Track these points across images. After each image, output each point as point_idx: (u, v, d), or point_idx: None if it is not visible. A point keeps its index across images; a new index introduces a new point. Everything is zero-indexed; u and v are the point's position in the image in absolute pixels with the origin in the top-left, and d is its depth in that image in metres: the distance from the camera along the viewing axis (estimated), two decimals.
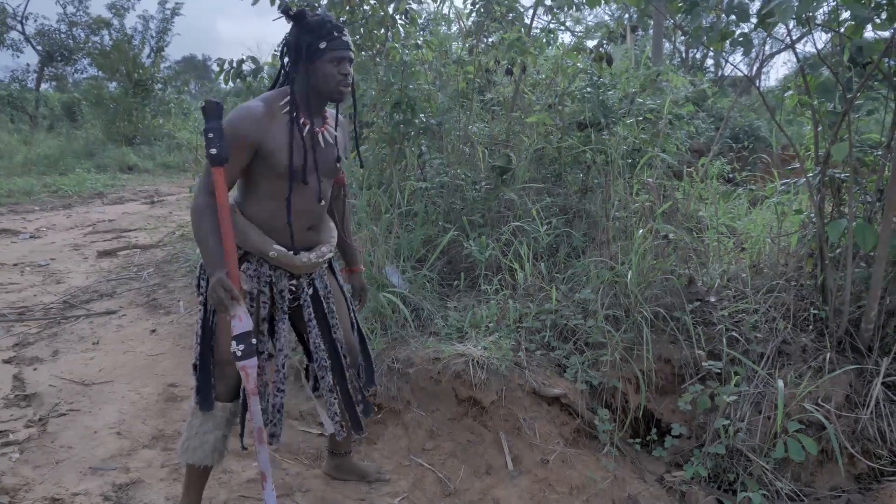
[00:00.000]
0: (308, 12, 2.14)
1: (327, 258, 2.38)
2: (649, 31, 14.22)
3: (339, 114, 2.38)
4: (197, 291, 2.32)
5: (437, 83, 5.25)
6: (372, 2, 4.72)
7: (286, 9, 2.16)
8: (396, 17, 4.75)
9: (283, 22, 2.21)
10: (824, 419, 2.81)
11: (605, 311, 3.39)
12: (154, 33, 19.23)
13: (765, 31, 3.17)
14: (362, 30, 4.72)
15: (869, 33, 3.11)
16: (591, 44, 5.39)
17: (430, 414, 3.15)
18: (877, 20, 2.88)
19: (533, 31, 5.48)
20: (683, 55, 21.23)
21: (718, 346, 3.25)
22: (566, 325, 3.45)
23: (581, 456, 2.98)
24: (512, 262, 3.86)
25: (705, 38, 3.10)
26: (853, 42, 3.03)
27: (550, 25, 5.75)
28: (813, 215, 3.41)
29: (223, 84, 5.21)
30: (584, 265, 3.79)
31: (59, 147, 15.54)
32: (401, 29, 4.85)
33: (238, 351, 2.11)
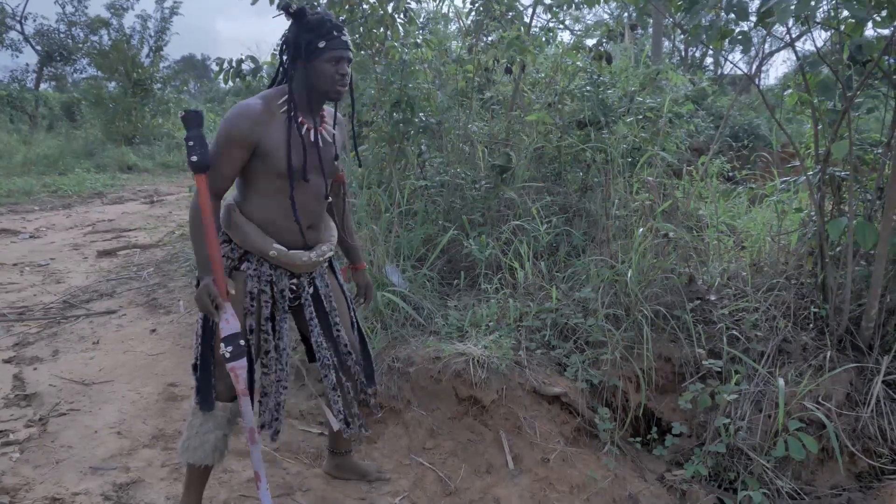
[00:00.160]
0: (308, 10, 2.13)
1: (327, 257, 2.37)
2: (648, 29, 14.21)
3: (337, 112, 2.37)
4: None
5: (436, 82, 5.25)
6: (371, 0, 4.71)
7: (286, 6, 2.15)
8: (396, 15, 4.75)
9: (283, 20, 2.20)
10: (825, 418, 2.81)
11: (605, 310, 3.39)
12: (152, 33, 19.23)
13: (764, 30, 3.17)
14: (361, 29, 4.71)
15: (869, 31, 3.11)
16: (590, 42, 5.39)
17: (431, 413, 3.15)
18: (876, 18, 2.88)
19: (532, 30, 5.47)
20: (683, 54, 21.23)
21: (719, 345, 3.25)
22: (566, 323, 3.45)
23: (581, 455, 2.98)
24: (512, 260, 3.86)
25: (704, 37, 3.10)
26: (853, 40, 3.03)
27: (550, 24, 5.74)
28: (813, 213, 3.41)
29: (222, 83, 5.20)
30: (584, 264, 3.79)
31: (58, 147, 15.52)
32: (400, 28, 4.84)
33: (227, 353, 2.13)
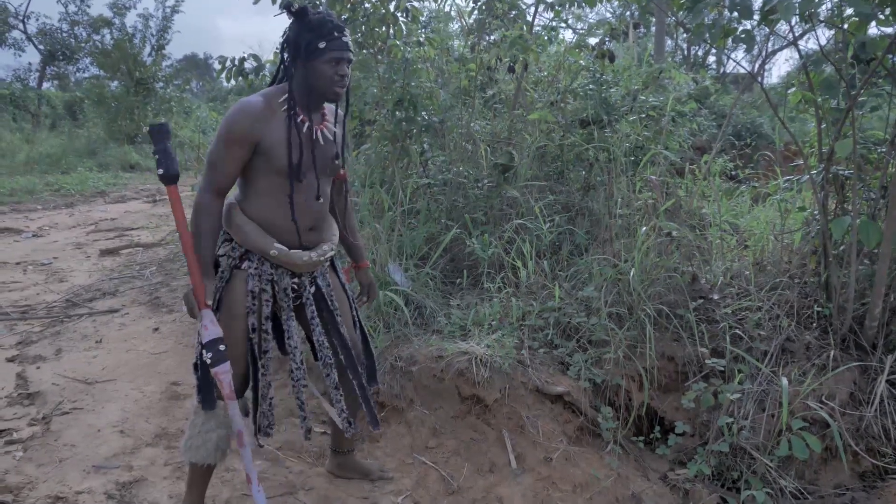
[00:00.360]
0: (310, 9, 2.12)
1: (328, 256, 2.36)
2: (651, 28, 14.19)
3: (338, 110, 2.36)
4: None
5: (439, 81, 5.24)
6: None
7: (288, 5, 2.14)
8: (398, 14, 4.74)
9: (285, 18, 2.19)
10: (828, 417, 2.81)
11: (608, 309, 3.38)
12: (154, 32, 19.26)
13: (767, 28, 3.16)
14: (363, 27, 4.70)
15: (873, 29, 3.10)
16: (592, 41, 5.38)
17: (434, 412, 3.15)
18: (880, 16, 2.87)
19: (535, 29, 5.47)
20: (685, 52, 21.20)
21: (722, 344, 3.24)
22: (569, 322, 3.45)
23: (584, 454, 2.98)
24: (515, 259, 3.86)
25: (708, 35, 3.10)
26: (857, 38, 3.03)
27: (552, 23, 5.72)
28: (816, 212, 3.40)
29: (225, 82, 5.21)
30: (586, 263, 3.78)
31: (61, 146, 15.55)
32: (402, 26, 4.83)
33: (207, 358, 2.13)
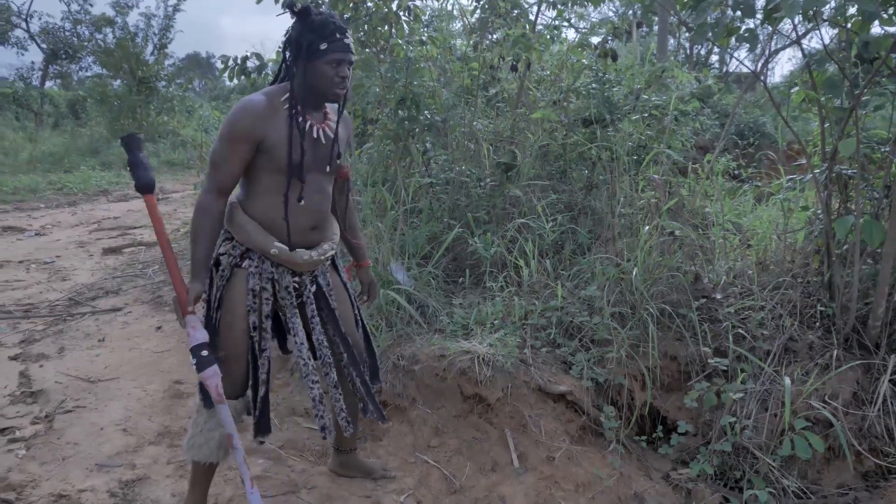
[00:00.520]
0: (313, 10, 2.12)
1: (329, 255, 2.37)
2: (654, 27, 14.18)
3: (343, 109, 2.36)
4: None
5: (441, 80, 5.23)
6: None
7: (291, 4, 2.14)
8: (400, 13, 4.73)
9: (287, 17, 2.19)
10: (831, 416, 2.80)
11: (610, 308, 3.38)
12: (157, 30, 19.26)
13: (770, 27, 3.15)
14: (366, 26, 4.70)
15: (876, 29, 3.10)
16: (595, 40, 5.38)
17: (436, 411, 3.15)
18: (884, 15, 2.86)
19: (537, 28, 5.46)
20: (688, 51, 21.15)
21: (724, 343, 3.24)
22: (572, 322, 3.44)
23: (587, 453, 2.97)
24: (517, 258, 3.85)
25: (711, 34, 3.09)
26: (860, 37, 3.02)
27: (555, 22, 5.72)
28: (820, 212, 3.40)
29: (227, 81, 5.20)
30: (589, 262, 3.78)
31: (63, 144, 15.58)
32: (405, 25, 4.83)
33: (193, 364, 2.14)
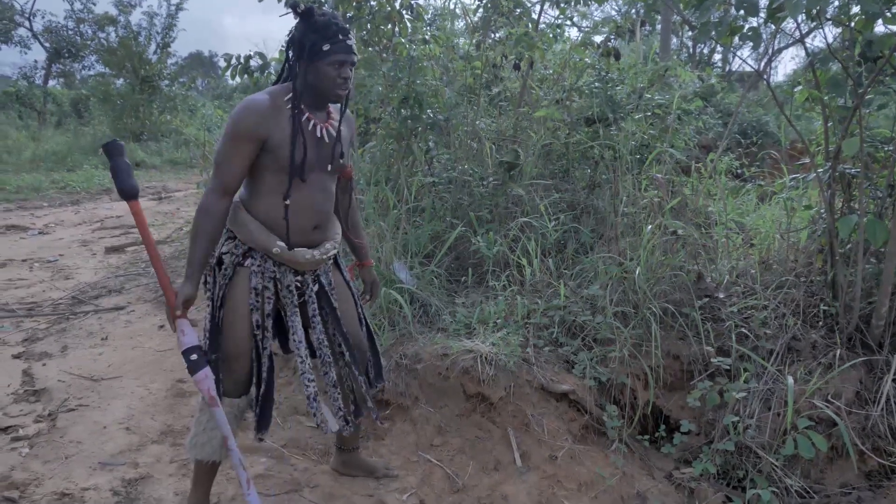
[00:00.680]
0: (316, 10, 2.13)
1: (331, 255, 2.37)
2: (657, 26, 14.15)
3: (345, 109, 2.36)
4: (204, 288, 2.32)
5: (444, 78, 5.23)
6: None
7: (294, 4, 2.15)
8: (403, 12, 4.73)
9: (289, 18, 2.19)
10: (834, 416, 2.80)
11: (613, 308, 3.38)
12: (159, 29, 19.27)
13: (774, 26, 3.15)
14: (369, 25, 4.71)
15: (880, 27, 3.09)
16: (598, 39, 5.37)
17: (439, 410, 3.15)
18: (888, 14, 2.85)
19: (540, 26, 5.46)
20: (691, 50, 21.12)
21: (727, 343, 3.23)
22: (574, 321, 3.44)
23: (589, 452, 2.97)
24: (520, 257, 3.85)
25: (714, 33, 3.09)
26: (864, 36, 3.01)
27: (558, 20, 5.72)
28: (823, 211, 3.39)
29: (230, 80, 5.21)
30: (592, 261, 3.78)
31: (66, 143, 15.58)
32: (407, 24, 4.83)
33: (186, 367, 2.14)
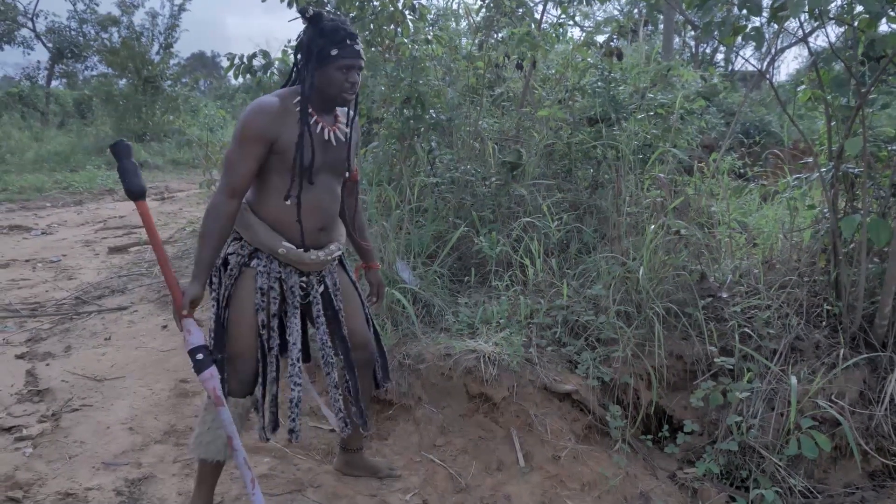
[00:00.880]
0: (325, 15, 2.16)
1: (336, 255, 2.39)
2: (659, 26, 14.14)
3: (350, 113, 2.38)
4: (210, 289, 2.32)
5: (446, 78, 5.23)
6: None
7: (303, 10, 2.18)
8: (406, 12, 4.73)
9: (291, 15, 2.22)
10: (838, 416, 2.80)
11: (616, 307, 3.38)
12: (162, 30, 19.30)
13: (776, 25, 3.14)
14: (371, 25, 4.71)
15: (883, 27, 3.08)
16: (600, 39, 5.37)
17: (441, 410, 3.15)
18: (891, 13, 2.85)
19: (543, 26, 5.46)
20: (694, 50, 21.09)
21: (731, 343, 3.23)
22: (577, 321, 3.44)
23: (593, 452, 2.97)
24: (523, 257, 3.85)
25: (717, 33, 3.08)
26: (867, 35, 3.01)
27: (560, 20, 5.71)
28: (826, 210, 3.39)
29: (233, 79, 5.22)
30: (595, 261, 3.78)
31: (69, 144, 15.60)
32: (410, 24, 4.83)
33: (192, 367, 2.15)
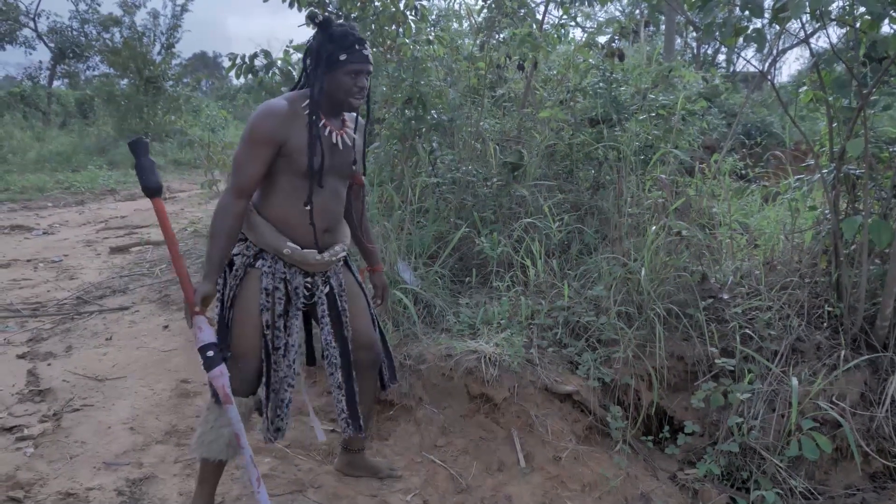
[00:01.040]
0: (334, 21, 2.19)
1: (340, 257, 2.41)
2: (661, 27, 14.14)
3: (359, 117, 2.43)
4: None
5: (448, 79, 5.23)
6: None
7: (312, 16, 2.21)
8: (407, 13, 4.74)
9: (293, 18, 2.27)
10: (839, 417, 2.80)
11: (617, 308, 3.38)
12: (164, 30, 19.33)
13: (778, 26, 3.14)
14: (373, 26, 4.71)
15: (885, 28, 3.08)
16: (602, 40, 5.37)
17: (442, 410, 3.15)
18: (893, 14, 2.85)
19: (544, 27, 5.46)
20: (695, 51, 21.08)
21: (732, 344, 3.23)
22: (578, 321, 3.44)
23: (593, 453, 2.97)
24: (524, 258, 3.85)
25: (718, 34, 3.08)
26: (868, 36, 3.01)
27: (562, 21, 5.72)
28: (827, 212, 3.39)
29: (234, 79, 5.22)
30: (596, 262, 3.78)
31: (71, 144, 15.64)
32: (412, 25, 4.84)
33: (202, 364, 2.15)
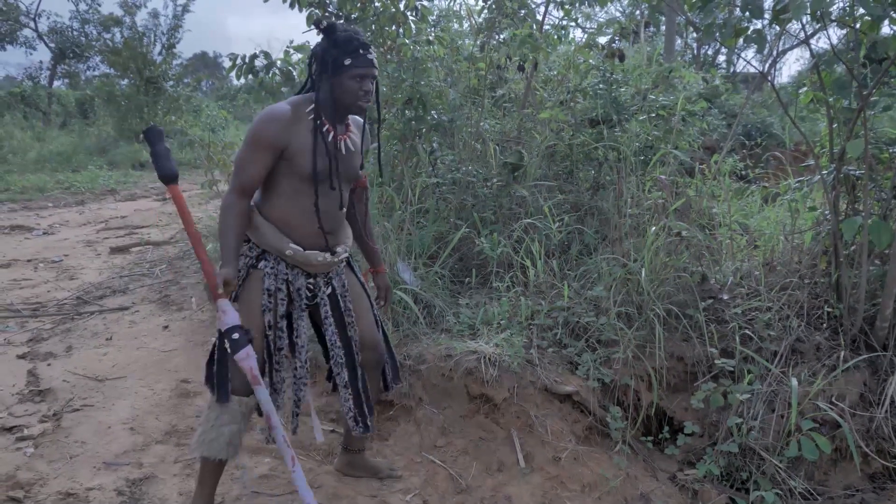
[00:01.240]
0: (339, 26, 2.20)
1: (343, 258, 2.42)
2: (661, 27, 14.14)
3: (381, 120, 2.44)
4: None
5: (448, 80, 5.24)
6: None
7: (317, 21, 2.22)
8: (407, 13, 4.74)
9: (293, 18, 2.27)
10: (838, 418, 2.80)
11: (617, 309, 3.38)
12: (164, 30, 19.33)
13: (778, 27, 3.15)
14: (373, 26, 4.72)
15: (885, 29, 3.09)
16: (602, 40, 5.37)
17: (442, 411, 3.15)
18: (893, 15, 2.85)
19: (544, 28, 5.46)
20: (695, 51, 21.09)
21: (731, 344, 3.23)
22: (578, 322, 3.44)
23: (593, 454, 2.98)
24: (524, 259, 3.86)
25: (718, 35, 3.09)
26: (869, 38, 3.01)
27: (562, 22, 5.72)
28: (827, 212, 3.39)
29: (234, 80, 5.22)
30: (596, 262, 3.78)
31: (71, 144, 15.65)
32: (412, 25, 4.84)
33: (227, 347, 2.15)
